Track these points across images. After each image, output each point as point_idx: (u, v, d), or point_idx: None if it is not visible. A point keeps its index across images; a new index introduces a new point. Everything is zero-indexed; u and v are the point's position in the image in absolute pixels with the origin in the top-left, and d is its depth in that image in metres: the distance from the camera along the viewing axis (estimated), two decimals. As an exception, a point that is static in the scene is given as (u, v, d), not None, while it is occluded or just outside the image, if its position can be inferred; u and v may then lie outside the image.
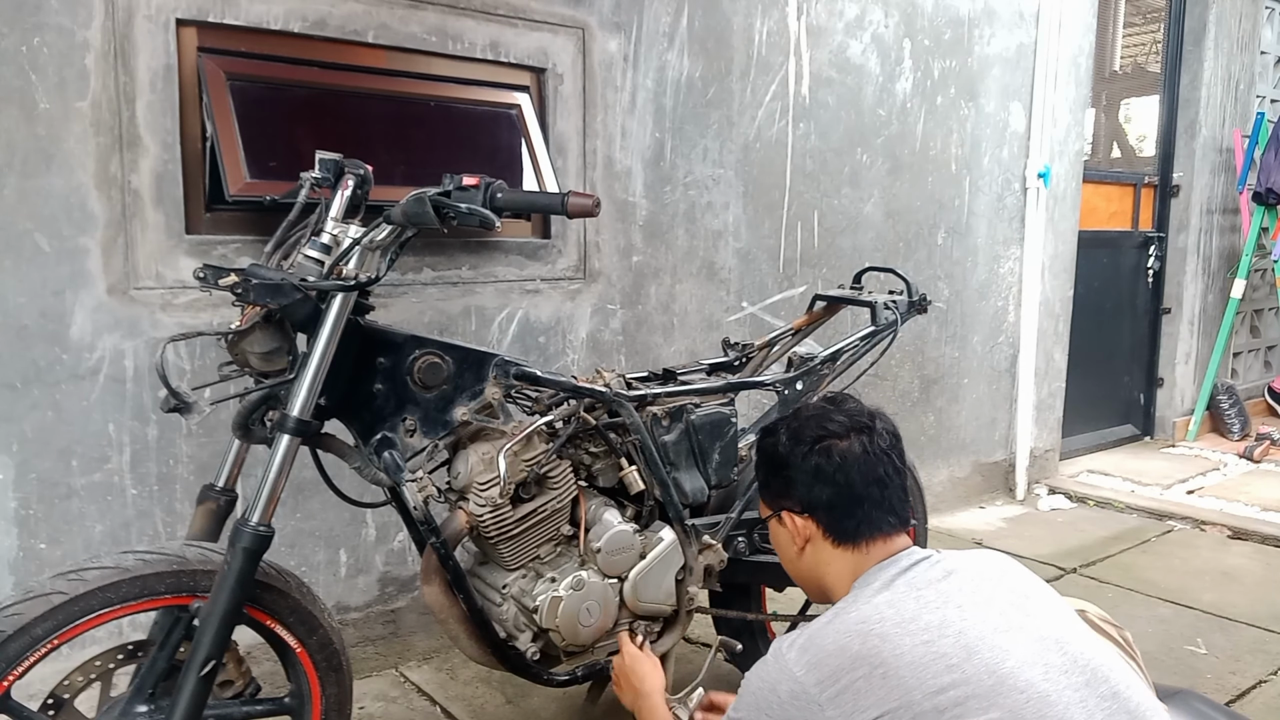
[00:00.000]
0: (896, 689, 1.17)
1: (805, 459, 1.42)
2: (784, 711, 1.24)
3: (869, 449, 1.41)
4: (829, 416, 1.45)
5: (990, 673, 1.17)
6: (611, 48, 2.79)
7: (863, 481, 1.40)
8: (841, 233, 3.45)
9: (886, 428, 1.46)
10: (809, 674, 1.22)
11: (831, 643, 1.24)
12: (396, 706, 2.36)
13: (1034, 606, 1.30)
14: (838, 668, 1.21)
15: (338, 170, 1.70)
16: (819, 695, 1.21)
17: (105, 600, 1.41)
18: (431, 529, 1.69)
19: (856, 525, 1.40)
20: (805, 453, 1.43)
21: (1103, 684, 1.22)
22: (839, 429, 1.43)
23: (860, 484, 1.40)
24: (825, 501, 1.41)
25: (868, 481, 1.40)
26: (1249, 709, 2.38)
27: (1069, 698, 1.18)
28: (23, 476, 2.05)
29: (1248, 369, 5.78)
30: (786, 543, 1.48)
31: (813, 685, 1.22)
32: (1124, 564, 3.41)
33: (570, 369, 2.76)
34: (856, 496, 1.40)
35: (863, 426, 1.43)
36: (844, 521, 1.40)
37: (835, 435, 1.43)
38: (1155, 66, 5.66)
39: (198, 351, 2.21)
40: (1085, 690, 1.20)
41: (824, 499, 1.41)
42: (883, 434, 1.44)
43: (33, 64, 1.98)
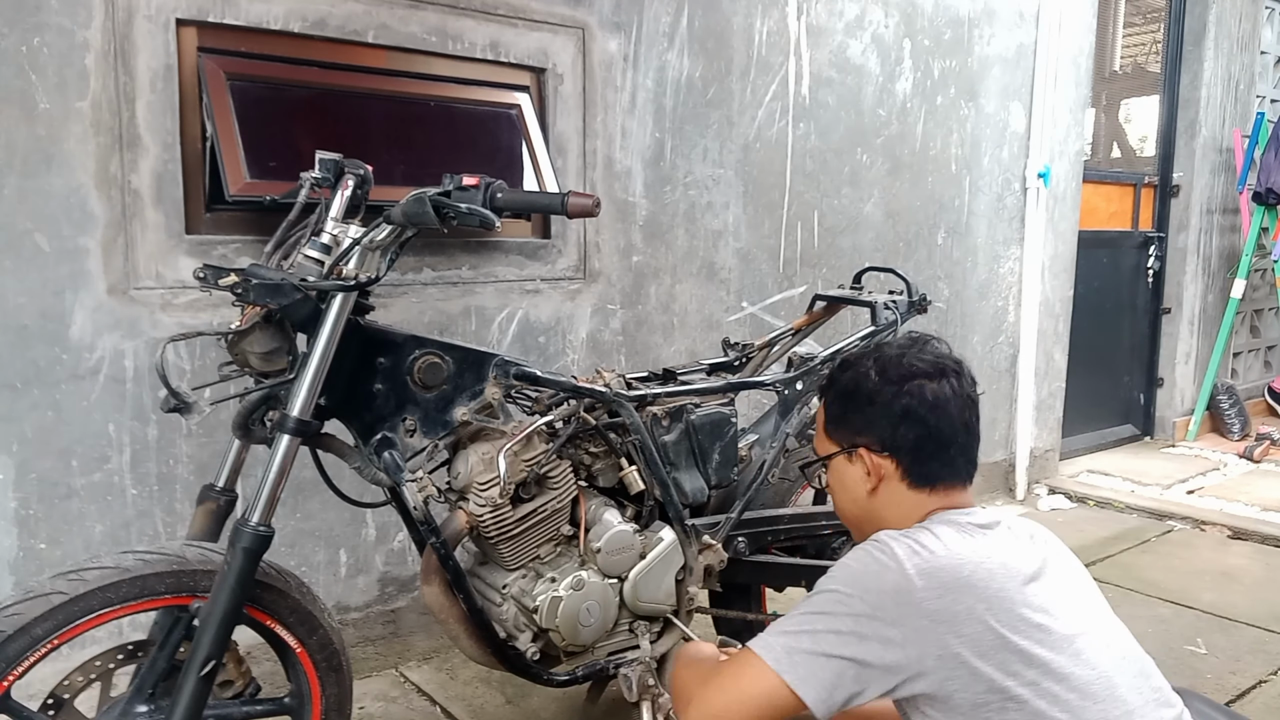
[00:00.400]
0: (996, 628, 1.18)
1: (896, 397, 1.36)
2: (881, 601, 1.22)
3: (958, 393, 1.36)
4: (918, 355, 1.39)
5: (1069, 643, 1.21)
6: (611, 48, 2.79)
7: (951, 426, 1.35)
8: (841, 233, 3.45)
9: (970, 374, 1.40)
10: (920, 577, 1.21)
11: (947, 559, 1.23)
12: (396, 706, 2.36)
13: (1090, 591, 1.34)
14: (949, 584, 1.20)
15: (338, 170, 1.69)
16: (923, 602, 1.20)
17: (105, 600, 1.41)
18: (431, 529, 1.69)
19: (940, 468, 1.35)
20: (896, 391, 1.36)
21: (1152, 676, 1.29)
22: (929, 369, 1.37)
23: (949, 428, 1.35)
24: (911, 443, 1.35)
25: (955, 427, 1.35)
26: (1249, 709, 2.38)
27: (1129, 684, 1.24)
28: (23, 476, 2.05)
29: (1248, 369, 5.78)
30: (857, 481, 1.41)
31: (921, 589, 1.20)
32: (1124, 564, 3.41)
33: (570, 369, 2.76)
34: (944, 440, 1.35)
35: (950, 369, 1.38)
36: (928, 465, 1.35)
37: (926, 375, 1.36)
38: (1155, 66, 5.66)
39: (198, 351, 2.21)
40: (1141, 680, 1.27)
41: (910, 440, 1.35)
42: (968, 379, 1.39)
43: (33, 64, 1.98)
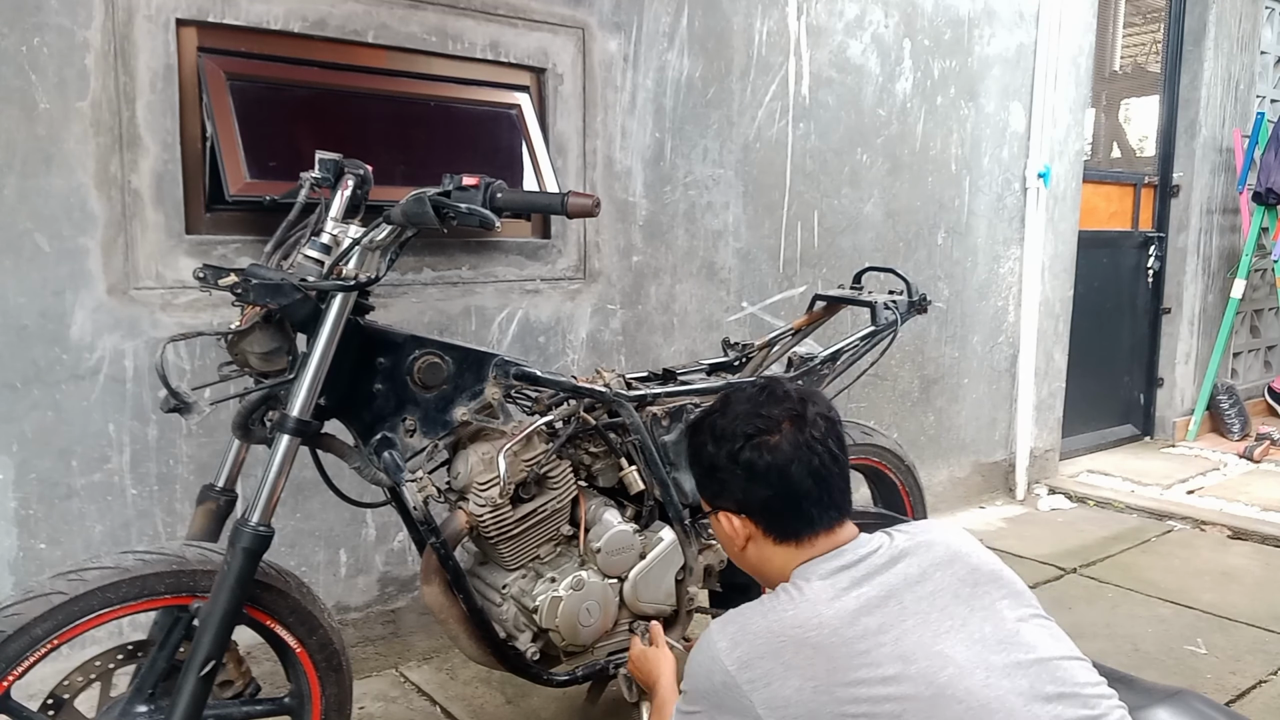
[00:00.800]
0: (830, 702, 1.16)
1: (735, 459, 1.33)
2: (719, 698, 1.23)
3: (802, 441, 1.31)
4: (756, 410, 1.34)
5: (928, 683, 1.15)
6: (611, 48, 2.79)
7: (799, 478, 1.30)
8: (841, 233, 3.45)
9: (820, 413, 1.34)
10: (740, 671, 1.21)
11: (765, 644, 1.21)
12: (396, 706, 2.36)
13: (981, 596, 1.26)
14: (769, 672, 1.19)
15: (338, 170, 1.70)
16: (750, 692, 1.19)
17: (105, 600, 1.41)
18: (431, 529, 1.70)
19: (798, 524, 1.32)
20: (734, 452, 1.33)
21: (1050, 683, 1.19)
22: (768, 424, 1.32)
23: (797, 481, 1.30)
24: (761, 503, 1.33)
25: (804, 477, 1.30)
26: (1249, 709, 2.38)
27: (1011, 703, 1.15)
28: (23, 476, 2.05)
29: (1248, 369, 5.78)
30: (727, 540, 1.41)
31: (744, 682, 1.20)
32: (1124, 564, 3.41)
33: (570, 369, 2.76)
34: (794, 495, 1.30)
35: (794, 415, 1.33)
36: (783, 522, 1.32)
37: (765, 431, 1.32)
38: (1155, 66, 5.66)
39: (198, 351, 2.21)
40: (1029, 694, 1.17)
41: (759, 500, 1.33)
42: (816, 421, 1.33)
43: (33, 64, 1.98)
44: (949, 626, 1.21)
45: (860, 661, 1.17)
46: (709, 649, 1.26)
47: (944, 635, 1.19)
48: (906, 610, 1.21)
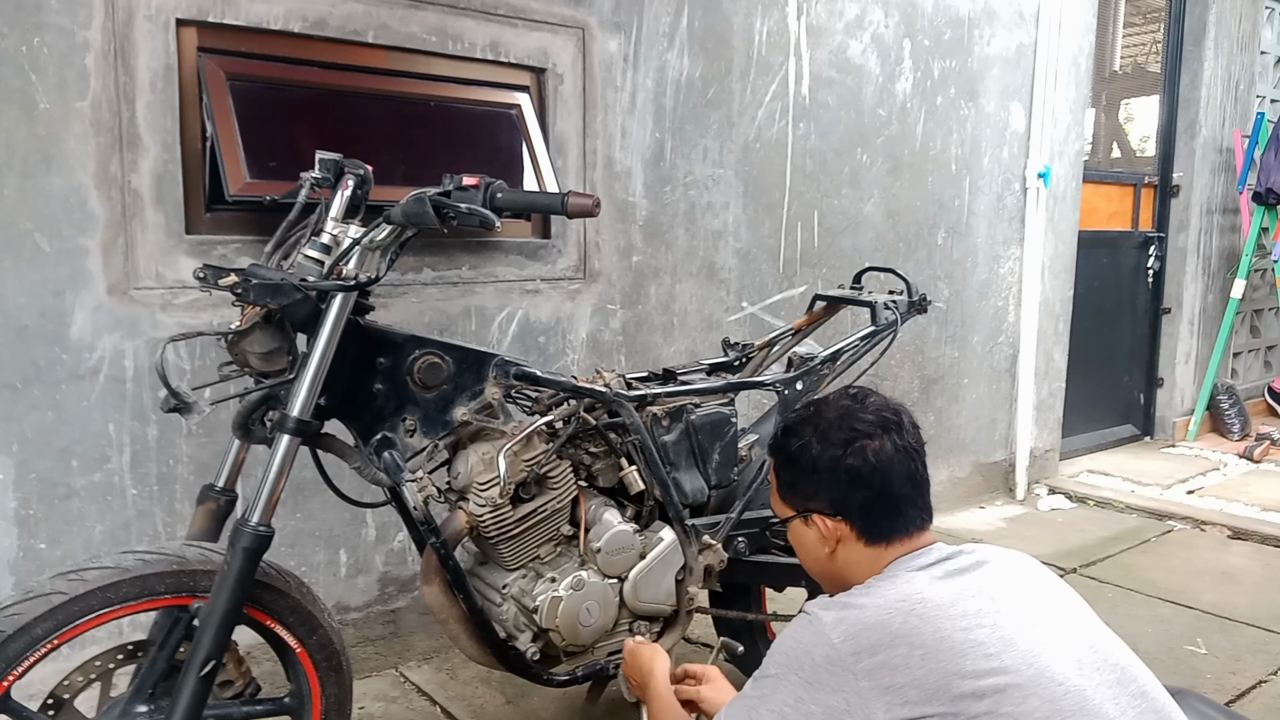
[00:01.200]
0: (935, 671, 1.17)
1: (838, 462, 1.37)
2: (816, 674, 1.22)
3: (899, 448, 1.37)
4: (856, 415, 1.39)
5: (1029, 664, 1.18)
6: (611, 48, 2.79)
7: (898, 482, 1.36)
8: (841, 233, 3.45)
9: (911, 421, 1.41)
10: (846, 643, 1.21)
11: (871, 616, 1.23)
12: (396, 706, 2.36)
13: (1060, 605, 1.31)
14: (876, 642, 1.20)
15: (338, 170, 1.69)
16: (854, 665, 1.19)
17: (105, 600, 1.41)
18: (431, 529, 1.69)
19: (892, 525, 1.36)
20: (838, 455, 1.37)
21: (1132, 683, 1.24)
22: (868, 428, 1.37)
23: (896, 485, 1.36)
24: (861, 504, 1.36)
25: (901, 481, 1.36)
26: (1249, 709, 2.38)
27: (1103, 694, 1.19)
28: (23, 476, 2.05)
29: (1248, 369, 5.78)
30: (815, 544, 1.43)
31: (849, 655, 1.20)
32: (1124, 564, 3.41)
33: (570, 369, 2.76)
34: (894, 498, 1.36)
35: (890, 423, 1.38)
36: (879, 523, 1.36)
37: (865, 435, 1.37)
38: (1155, 66, 5.66)
39: (198, 351, 2.21)
40: (1117, 688, 1.22)
41: (859, 502, 1.36)
42: (910, 429, 1.40)
43: (33, 64, 1.98)
44: (1038, 622, 1.25)
45: (964, 638, 1.19)
46: (811, 624, 1.26)
47: (1036, 628, 1.23)
48: (999, 603, 1.25)
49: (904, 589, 1.26)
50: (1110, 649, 1.27)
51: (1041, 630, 1.24)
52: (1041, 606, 1.28)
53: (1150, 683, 1.26)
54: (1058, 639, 1.24)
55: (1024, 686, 1.16)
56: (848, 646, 1.20)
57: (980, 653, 1.18)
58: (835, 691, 1.20)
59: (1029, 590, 1.30)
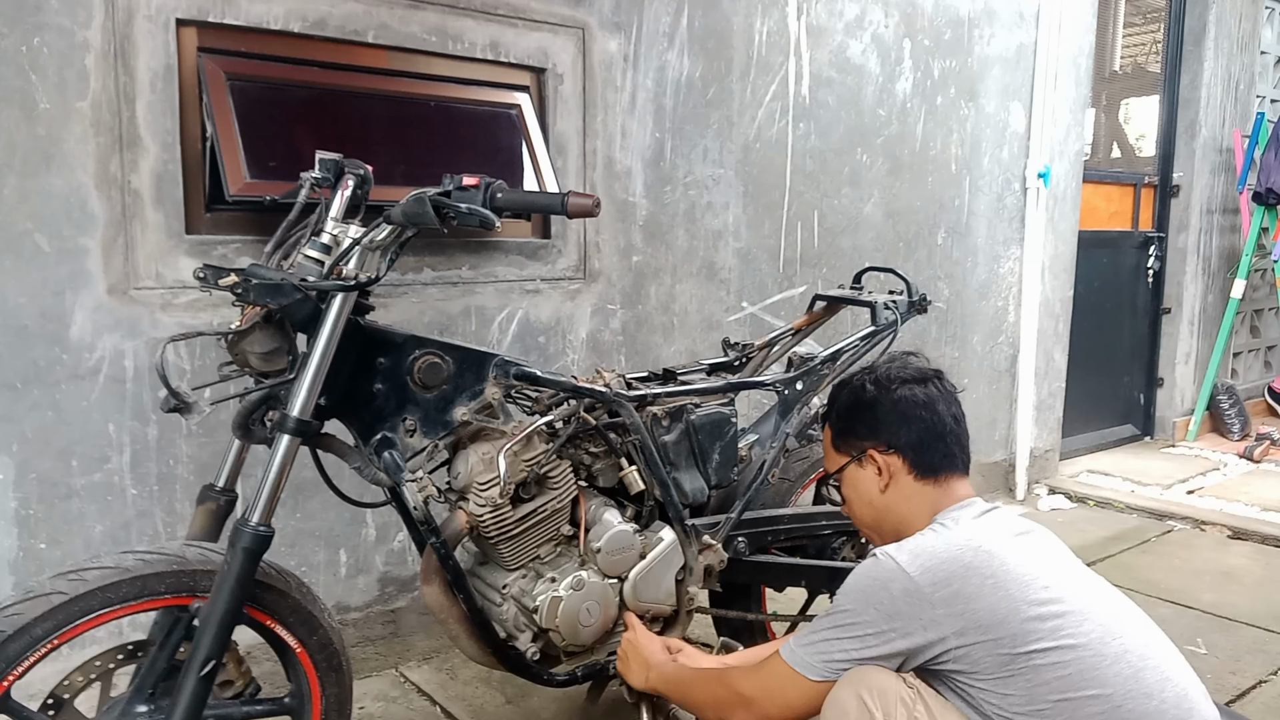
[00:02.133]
0: (1005, 599, 1.30)
1: (894, 402, 1.54)
2: (894, 605, 1.34)
3: (943, 392, 1.56)
4: (903, 367, 1.60)
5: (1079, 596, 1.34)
6: (611, 48, 2.79)
7: (943, 420, 1.53)
8: (841, 233, 3.45)
9: (949, 381, 1.61)
10: (923, 575, 1.33)
11: (944, 551, 1.36)
12: (396, 706, 2.36)
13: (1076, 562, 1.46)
14: (951, 573, 1.33)
15: (338, 170, 1.69)
16: (932, 594, 1.32)
17: (105, 600, 1.41)
18: (431, 529, 1.69)
19: (940, 458, 1.52)
20: (892, 397, 1.55)
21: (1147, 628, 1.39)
22: (915, 375, 1.57)
23: (942, 422, 1.53)
24: (914, 436, 1.52)
25: (946, 420, 1.53)
26: (1249, 709, 2.38)
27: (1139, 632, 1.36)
28: (23, 476, 2.05)
29: (1248, 369, 5.78)
30: (868, 484, 1.57)
31: (927, 585, 1.33)
32: (1124, 564, 3.41)
33: (570, 369, 2.76)
34: (940, 432, 1.52)
35: (932, 376, 1.58)
36: (930, 455, 1.52)
37: (915, 380, 1.56)
38: (1155, 66, 5.66)
39: (198, 351, 2.21)
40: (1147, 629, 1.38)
41: (913, 434, 1.53)
42: (949, 383, 1.60)
43: (33, 64, 1.98)
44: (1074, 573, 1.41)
45: (1026, 570, 1.34)
46: (885, 563, 1.38)
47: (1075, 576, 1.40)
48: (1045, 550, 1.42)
49: (968, 531, 1.40)
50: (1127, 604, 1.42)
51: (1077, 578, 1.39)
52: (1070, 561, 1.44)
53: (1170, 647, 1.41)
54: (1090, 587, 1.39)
55: (1079, 613, 1.31)
56: (925, 579, 1.33)
57: (1040, 583, 1.32)
58: (913, 619, 1.33)
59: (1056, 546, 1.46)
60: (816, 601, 2.33)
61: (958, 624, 1.30)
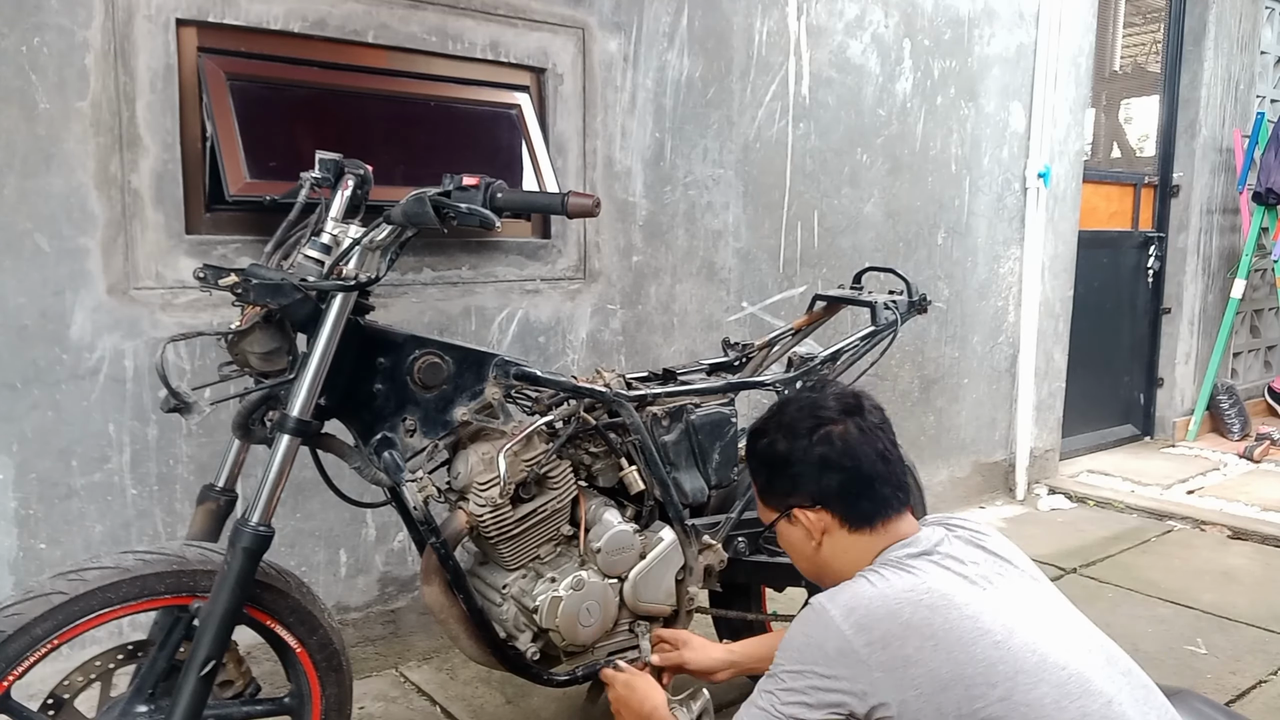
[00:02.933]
0: (948, 662, 1.20)
1: (808, 451, 1.40)
2: (831, 667, 1.25)
3: (865, 429, 1.40)
4: (817, 404, 1.43)
5: (1032, 650, 1.21)
6: (611, 48, 2.79)
7: (868, 462, 1.38)
8: (841, 233, 3.45)
9: (873, 404, 1.45)
10: (858, 635, 1.23)
11: (881, 607, 1.25)
12: (396, 706, 2.36)
13: (1044, 589, 1.35)
14: (888, 633, 1.22)
15: (338, 170, 1.69)
16: (869, 657, 1.22)
17: (105, 600, 1.41)
18: (431, 529, 1.69)
19: (872, 506, 1.38)
20: (806, 445, 1.40)
21: (1119, 661, 1.28)
22: (831, 414, 1.41)
23: (867, 465, 1.38)
24: (837, 489, 1.39)
25: (872, 460, 1.39)
26: (1249, 709, 2.38)
27: (1101, 674, 1.23)
28: (23, 476, 2.05)
29: (1248, 369, 5.78)
30: (801, 540, 1.45)
31: (862, 646, 1.23)
32: (1124, 564, 3.41)
33: (570, 369, 2.76)
34: (867, 476, 1.38)
35: (852, 407, 1.42)
36: (859, 505, 1.39)
37: (829, 421, 1.40)
38: (1155, 66, 5.66)
39: (198, 351, 2.21)
40: (1110, 668, 1.25)
41: (835, 487, 1.39)
42: (873, 410, 1.44)
43: (33, 64, 1.98)
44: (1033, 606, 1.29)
45: (972, 626, 1.22)
46: (820, 617, 1.28)
47: (1032, 614, 1.27)
48: (993, 590, 1.28)
49: (910, 579, 1.28)
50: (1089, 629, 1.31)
51: (1037, 615, 1.27)
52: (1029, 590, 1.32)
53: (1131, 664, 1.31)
54: (1051, 622, 1.27)
55: (1032, 672, 1.19)
56: (861, 639, 1.23)
57: (988, 641, 1.21)
58: (852, 680, 1.23)
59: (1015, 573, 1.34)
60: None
61: (896, 690, 1.21)
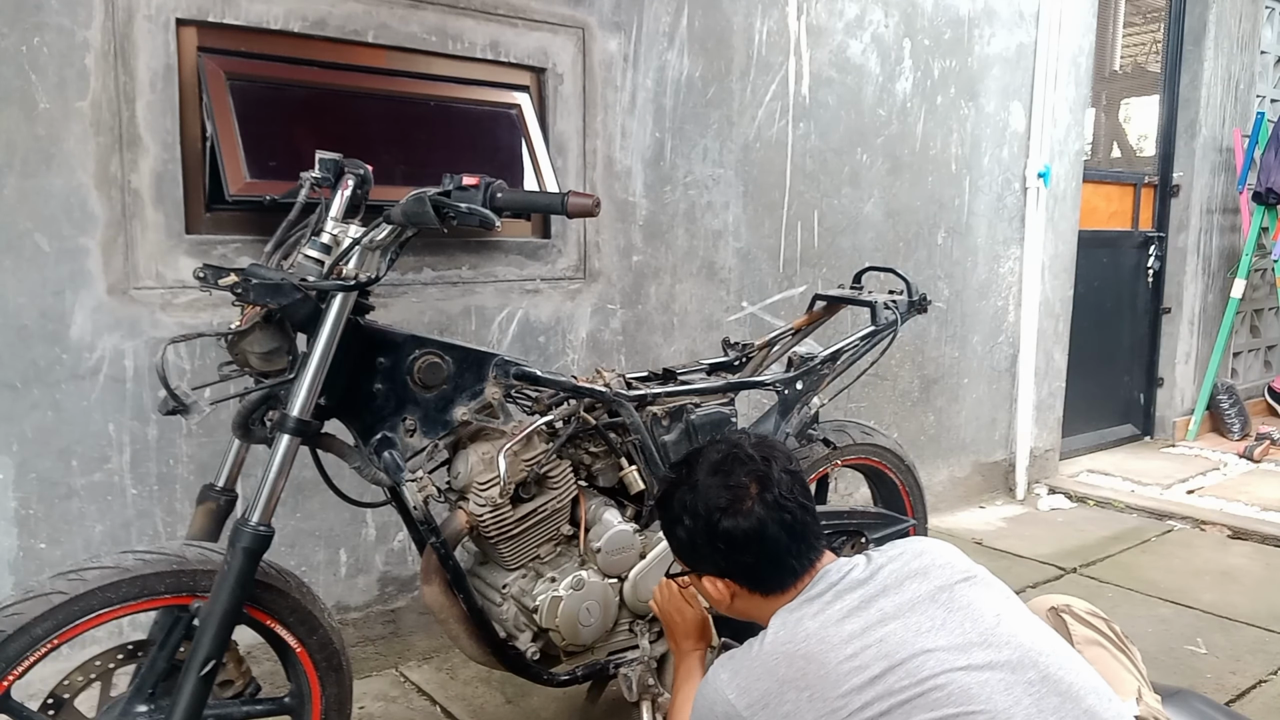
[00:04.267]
0: (825, 709, 1.22)
1: (713, 534, 1.38)
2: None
3: (772, 501, 1.36)
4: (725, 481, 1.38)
5: (912, 678, 1.20)
6: (611, 47, 2.79)
7: (775, 537, 1.35)
8: (841, 233, 3.45)
9: (783, 468, 1.39)
10: (740, 698, 1.28)
11: (760, 666, 1.28)
12: (396, 706, 2.36)
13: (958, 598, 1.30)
14: (766, 692, 1.26)
15: (338, 170, 1.70)
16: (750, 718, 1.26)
17: (105, 600, 1.41)
18: (431, 529, 1.70)
19: (780, 576, 1.38)
20: (711, 526, 1.37)
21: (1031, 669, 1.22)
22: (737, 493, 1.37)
23: (772, 542, 1.36)
24: (743, 567, 1.39)
25: (780, 535, 1.36)
26: (1249, 709, 2.38)
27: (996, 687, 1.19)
28: (23, 476, 2.05)
29: (1248, 369, 5.78)
30: (716, 597, 1.46)
31: (744, 709, 1.27)
32: (1124, 564, 3.40)
33: (570, 369, 2.76)
34: (773, 554, 1.36)
35: (759, 476, 1.38)
36: (765, 578, 1.38)
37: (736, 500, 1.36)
38: (1155, 66, 5.66)
39: (198, 351, 2.21)
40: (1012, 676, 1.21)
41: (741, 565, 1.39)
42: (781, 479, 1.38)
43: (33, 64, 1.98)
44: (929, 627, 1.26)
45: (849, 666, 1.23)
46: (713, 684, 1.33)
47: (925, 634, 1.25)
48: (887, 615, 1.27)
49: (790, 631, 1.30)
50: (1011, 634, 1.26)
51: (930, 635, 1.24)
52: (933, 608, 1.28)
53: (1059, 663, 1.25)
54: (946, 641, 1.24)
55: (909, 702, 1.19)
56: (742, 701, 1.27)
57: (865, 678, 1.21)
58: None
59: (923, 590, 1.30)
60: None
61: None
